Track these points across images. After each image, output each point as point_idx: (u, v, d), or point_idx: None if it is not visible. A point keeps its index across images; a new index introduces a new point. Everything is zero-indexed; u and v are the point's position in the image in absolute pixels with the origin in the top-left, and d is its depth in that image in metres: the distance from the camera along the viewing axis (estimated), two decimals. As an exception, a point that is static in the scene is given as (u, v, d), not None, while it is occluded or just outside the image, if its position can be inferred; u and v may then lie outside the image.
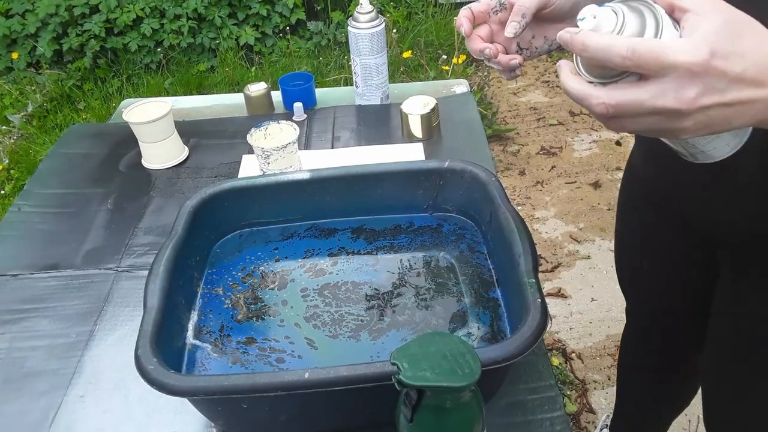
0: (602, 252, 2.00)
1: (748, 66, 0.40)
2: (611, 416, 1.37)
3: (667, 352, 1.08)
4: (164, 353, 0.58)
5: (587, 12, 0.45)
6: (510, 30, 0.63)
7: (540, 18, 0.65)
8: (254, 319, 0.72)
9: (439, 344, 0.45)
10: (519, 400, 0.66)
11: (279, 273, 0.77)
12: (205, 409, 0.62)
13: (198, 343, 0.68)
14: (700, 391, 1.17)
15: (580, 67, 0.46)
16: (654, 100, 0.41)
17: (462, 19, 0.68)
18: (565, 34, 0.44)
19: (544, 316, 0.57)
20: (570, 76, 0.46)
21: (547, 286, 1.90)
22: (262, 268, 0.78)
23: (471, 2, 0.70)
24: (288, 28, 3.04)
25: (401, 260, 0.77)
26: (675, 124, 0.42)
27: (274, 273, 0.77)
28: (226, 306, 0.73)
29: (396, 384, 0.43)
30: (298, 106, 1.18)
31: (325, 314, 0.71)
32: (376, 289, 0.74)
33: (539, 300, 0.58)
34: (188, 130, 1.16)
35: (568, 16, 0.67)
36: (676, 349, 1.06)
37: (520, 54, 0.67)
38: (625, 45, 0.41)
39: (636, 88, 0.42)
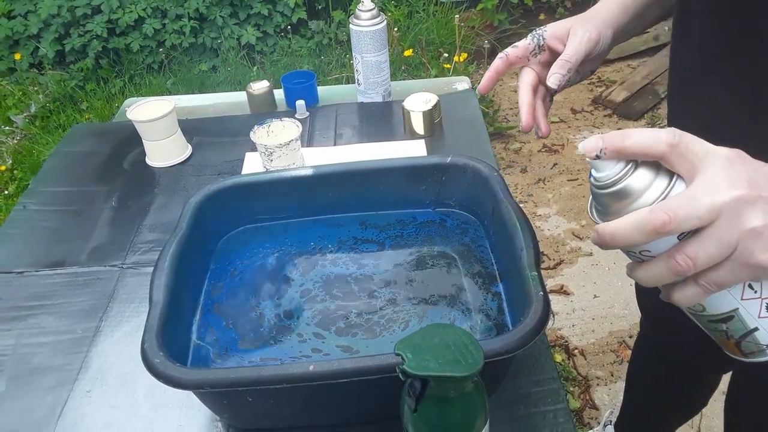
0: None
1: None
2: (615, 413, 1.37)
3: (681, 366, 1.05)
4: (170, 347, 0.59)
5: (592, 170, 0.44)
6: (554, 81, 0.65)
7: None
8: (271, 341, 0.69)
9: (442, 335, 0.46)
10: (522, 393, 0.67)
11: (284, 273, 0.78)
12: (210, 402, 0.63)
13: (202, 343, 0.69)
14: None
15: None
16: (724, 241, 0.39)
17: (490, 72, 0.69)
18: (594, 235, 0.43)
19: (547, 308, 0.57)
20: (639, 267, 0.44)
21: (549, 283, 1.90)
22: (267, 266, 0.79)
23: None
24: (289, 27, 3.05)
25: (405, 255, 0.78)
26: (755, 248, 0.39)
27: (279, 272, 0.78)
28: (228, 326, 0.71)
29: (400, 374, 0.44)
30: (300, 103, 1.18)
31: (341, 316, 0.71)
32: (381, 284, 0.74)
33: (541, 293, 0.59)
34: (191, 128, 1.17)
35: (604, 54, 0.69)
36: (692, 364, 1.02)
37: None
38: (661, 214, 0.39)
39: (697, 240, 0.40)
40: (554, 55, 0.67)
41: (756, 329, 0.45)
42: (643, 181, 0.42)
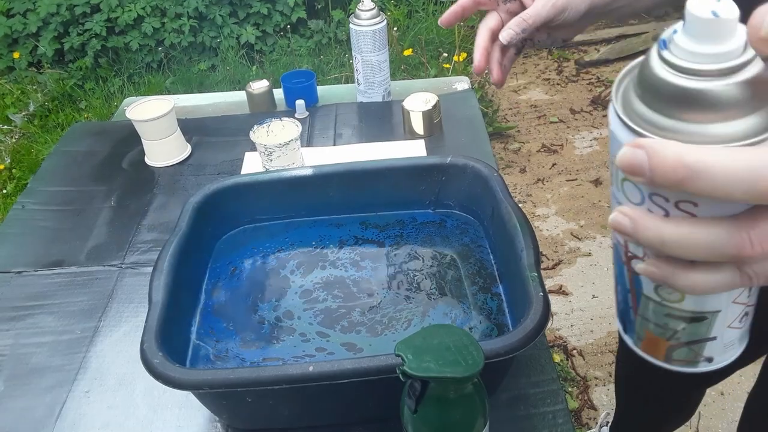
0: (603, 249, 2.01)
1: None
2: (611, 414, 1.37)
3: (669, 380, 1.02)
4: (169, 348, 0.58)
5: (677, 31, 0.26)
6: (505, 36, 0.62)
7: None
8: (273, 341, 0.68)
9: (442, 336, 0.46)
10: (521, 394, 0.67)
11: (284, 273, 0.78)
12: (209, 402, 0.63)
13: (201, 344, 0.68)
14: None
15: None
16: None
17: (455, 6, 0.66)
18: (638, 153, 0.26)
19: (547, 309, 0.57)
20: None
21: (548, 284, 1.90)
22: (267, 266, 0.78)
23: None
24: (289, 26, 3.05)
25: (405, 255, 0.78)
26: None
27: (280, 273, 0.78)
28: (230, 328, 0.70)
29: (400, 375, 0.44)
30: (300, 103, 1.18)
31: (343, 314, 0.71)
32: (381, 285, 0.74)
33: (541, 293, 0.58)
34: (190, 127, 1.17)
35: (577, 25, 0.64)
36: (680, 379, 1.00)
37: (521, 41, 0.65)
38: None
39: None
40: (523, 8, 0.63)
41: (713, 339, 0.34)
42: (750, 95, 0.24)
